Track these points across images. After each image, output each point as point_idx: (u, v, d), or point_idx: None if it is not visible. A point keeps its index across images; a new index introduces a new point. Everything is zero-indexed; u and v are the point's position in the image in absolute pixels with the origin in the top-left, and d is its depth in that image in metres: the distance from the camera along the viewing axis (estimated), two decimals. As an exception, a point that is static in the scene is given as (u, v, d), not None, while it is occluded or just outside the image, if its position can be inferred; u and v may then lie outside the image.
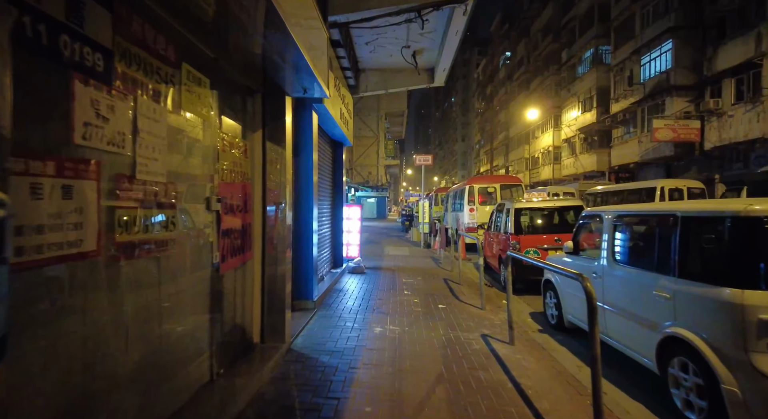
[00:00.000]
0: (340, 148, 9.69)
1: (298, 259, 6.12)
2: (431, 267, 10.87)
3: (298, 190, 6.15)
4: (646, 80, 25.12)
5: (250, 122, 4.21)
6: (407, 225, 25.11)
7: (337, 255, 9.66)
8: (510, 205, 8.83)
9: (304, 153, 6.16)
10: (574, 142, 35.95)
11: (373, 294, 7.46)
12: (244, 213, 3.98)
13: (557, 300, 5.83)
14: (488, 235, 10.86)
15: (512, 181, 15.09)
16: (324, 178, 8.42)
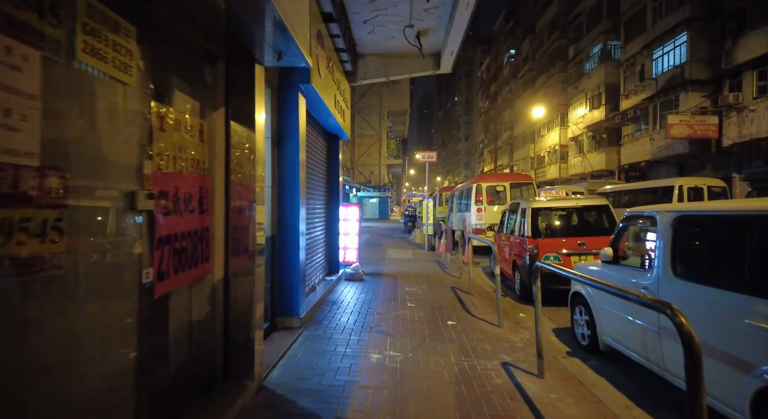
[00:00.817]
0: (336, 141, 8.75)
1: (282, 269, 5.18)
2: (437, 273, 9.91)
3: (282, 186, 5.21)
4: (659, 75, 24.11)
5: (209, 96, 3.26)
6: (410, 226, 24.14)
7: (333, 260, 8.72)
8: (526, 204, 7.88)
9: (289, 143, 5.22)
10: (581, 140, 34.99)
11: (371, 306, 6.50)
12: (198, 214, 3.04)
13: (590, 317, 4.87)
14: (499, 238, 9.89)
15: (523, 179, 14.12)
16: (316, 175, 7.48)
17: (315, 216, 7.31)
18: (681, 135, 20.05)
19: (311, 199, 6.91)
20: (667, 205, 4.12)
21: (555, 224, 7.70)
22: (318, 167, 7.65)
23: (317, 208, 7.56)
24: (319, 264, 7.67)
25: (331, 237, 8.68)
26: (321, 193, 7.93)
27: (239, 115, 3.44)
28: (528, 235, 7.46)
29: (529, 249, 7.30)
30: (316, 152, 7.42)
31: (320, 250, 7.76)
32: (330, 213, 8.65)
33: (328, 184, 8.50)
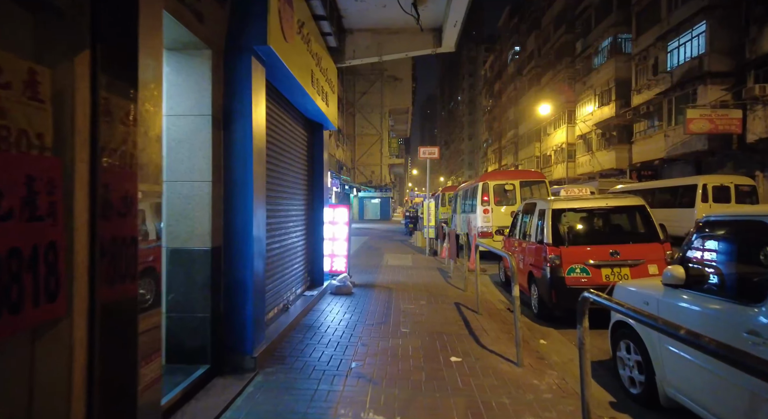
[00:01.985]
0: (320, 132, 7.47)
1: (229, 290, 3.90)
2: (438, 284, 8.62)
3: (230, 182, 3.93)
4: (674, 68, 22.78)
5: (59, 29, 1.98)
6: (411, 228, 22.84)
7: (316, 270, 7.44)
8: (545, 204, 6.58)
9: (238, 125, 3.94)
10: (589, 138, 33.71)
11: (355, 334, 5.21)
12: (26, 221, 1.77)
13: (643, 356, 3.57)
14: (509, 243, 8.59)
15: (534, 176, 12.81)
16: (293, 170, 6.21)
17: (290, 220, 6.04)
18: (701, 130, 18.70)
19: (282, 199, 5.64)
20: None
21: (581, 228, 6.40)
22: (295, 161, 6.38)
23: (294, 209, 6.29)
24: (296, 277, 6.40)
25: (313, 243, 7.40)
26: (300, 192, 6.67)
27: (118, 66, 2.16)
28: (548, 242, 6.16)
29: (550, 259, 6.00)
30: (292, 142, 6.15)
31: (297, 260, 6.49)
32: (312, 215, 7.38)
33: (309, 181, 7.23)
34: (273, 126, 5.18)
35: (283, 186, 5.68)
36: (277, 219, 5.41)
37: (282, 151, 5.62)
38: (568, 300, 5.85)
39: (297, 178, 6.45)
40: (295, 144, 6.35)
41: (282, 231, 5.61)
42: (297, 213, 6.45)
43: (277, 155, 5.40)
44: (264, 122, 4.29)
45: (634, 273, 5.75)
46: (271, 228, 5.10)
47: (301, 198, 6.74)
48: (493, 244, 11.63)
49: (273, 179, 5.20)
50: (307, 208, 7.09)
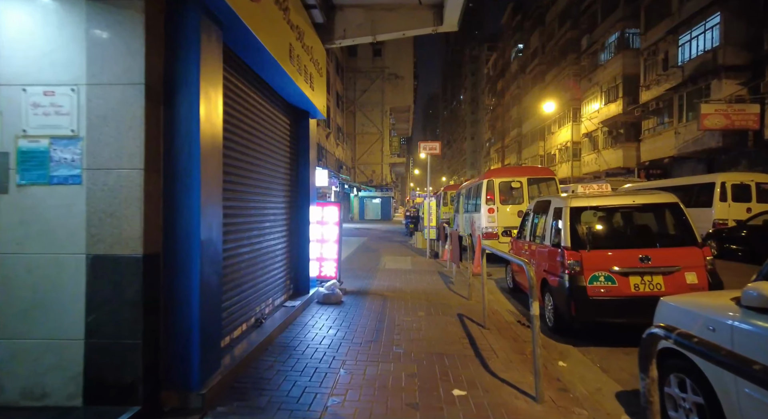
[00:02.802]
0: (305, 120, 6.64)
1: (171, 309, 3.06)
2: (440, 291, 7.77)
3: (172, 171, 3.10)
4: (686, 62, 21.90)
5: None
6: (411, 228, 21.98)
7: (300, 276, 6.59)
8: (561, 202, 5.72)
9: (182, 97, 3.10)
10: (595, 136, 32.84)
11: (339, 355, 4.36)
12: None
13: (707, 401, 2.71)
14: (517, 246, 7.74)
15: (543, 173, 11.93)
16: (270, 161, 5.37)
17: (266, 219, 5.20)
18: (716, 126, 17.81)
19: (254, 194, 4.79)
20: None
21: (604, 229, 5.54)
22: (274, 151, 5.54)
23: (271, 207, 5.45)
24: (274, 285, 5.55)
25: (297, 245, 6.56)
26: (280, 188, 5.82)
27: None
28: (566, 245, 5.31)
29: (569, 265, 5.15)
30: (268, 130, 5.31)
31: (276, 265, 5.64)
32: (296, 214, 6.54)
33: (292, 175, 6.39)
34: (239, 106, 4.33)
35: (256, 179, 4.84)
36: (247, 218, 4.57)
37: (254, 137, 4.78)
38: (590, 312, 5.00)
39: (276, 171, 5.61)
40: (274, 132, 5.50)
41: (254, 233, 4.77)
42: (276, 211, 5.61)
43: (247, 142, 4.56)
44: (220, 99, 3.44)
45: (669, 282, 4.89)
46: (237, 229, 4.26)
47: (282, 194, 5.90)
48: (498, 246, 10.78)
49: (240, 170, 4.36)
50: (290, 205, 6.25)
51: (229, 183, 4.05)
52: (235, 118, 4.24)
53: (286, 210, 6.09)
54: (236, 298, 4.26)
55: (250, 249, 4.63)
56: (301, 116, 6.58)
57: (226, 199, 3.88)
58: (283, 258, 5.95)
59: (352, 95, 44.81)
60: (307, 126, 6.63)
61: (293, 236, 6.38)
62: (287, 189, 6.14)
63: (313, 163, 6.90)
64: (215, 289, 3.35)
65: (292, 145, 6.38)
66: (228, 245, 4.01)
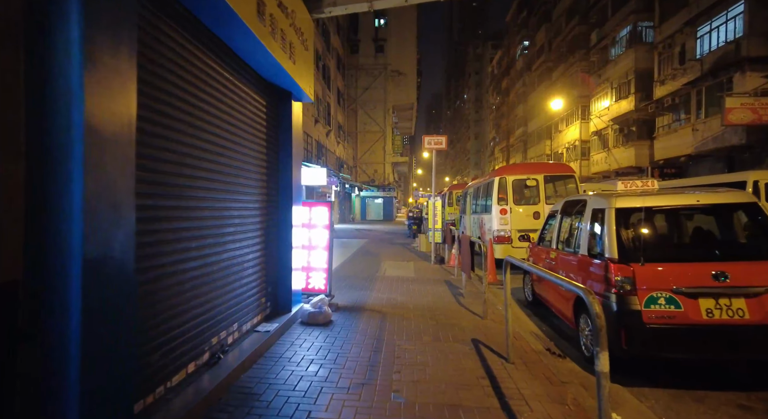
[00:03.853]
0: (286, 102, 5.50)
1: (33, 363, 1.93)
2: (448, 306, 6.62)
3: (39, 157, 1.97)
4: (705, 55, 20.68)
5: None
6: (414, 230, 20.83)
7: (280, 291, 5.45)
8: (602, 201, 4.58)
9: (54, 38, 1.98)
10: (605, 134, 31.65)
11: (318, 409, 3.23)
12: None
13: None
14: (538, 253, 6.60)
15: (561, 170, 10.75)
16: (235, 150, 4.24)
17: (228, 223, 4.06)
18: (741, 121, 16.59)
19: (207, 191, 3.65)
20: None
21: (662, 237, 4.40)
22: (243, 138, 4.40)
23: (239, 208, 4.31)
24: (241, 307, 4.41)
25: (276, 253, 5.42)
26: (253, 184, 4.69)
27: None
28: (611, 256, 4.16)
29: (617, 282, 4.00)
30: (232, 109, 4.17)
31: (245, 281, 4.50)
32: (276, 216, 5.41)
33: (271, 170, 5.25)
34: (183, 71, 3.20)
35: (212, 172, 3.71)
36: (196, 223, 3.43)
37: (210, 117, 3.64)
38: (647, 345, 3.85)
39: (246, 163, 4.48)
40: (242, 113, 4.37)
41: (208, 241, 3.63)
42: (245, 213, 4.48)
43: (196, 122, 3.43)
44: (127, 48, 2.30)
45: (755, 307, 3.72)
46: (175, 238, 3.13)
47: (255, 192, 4.76)
48: (512, 252, 9.62)
49: (184, 158, 3.22)
50: (267, 205, 5.11)
51: (161, 174, 2.92)
52: (176, 87, 3.11)
53: (262, 211, 4.96)
54: (177, 331, 3.13)
55: (200, 262, 3.50)
56: (282, 98, 5.45)
57: (150, 197, 2.75)
58: (257, 271, 4.81)
59: (354, 93, 43.67)
60: (290, 110, 5.50)
61: (271, 242, 5.24)
62: (263, 186, 5.00)
63: (298, 154, 5.77)
64: (121, 327, 2.22)
65: (271, 133, 5.24)
66: (158, 261, 2.88)
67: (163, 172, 2.95)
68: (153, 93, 2.80)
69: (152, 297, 2.83)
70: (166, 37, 2.95)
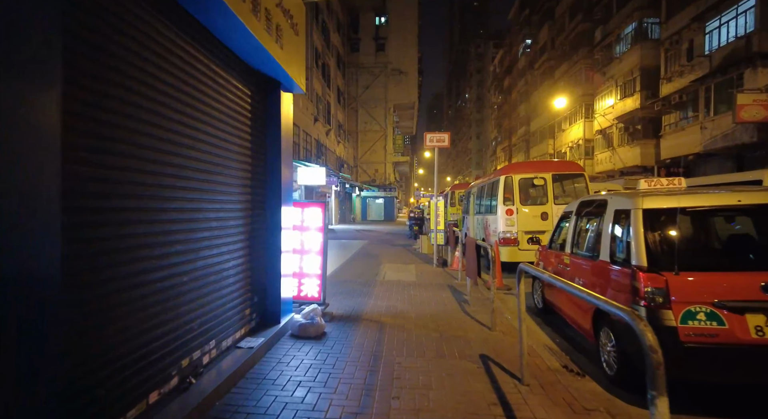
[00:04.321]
0: (274, 93, 4.99)
1: None
2: (453, 315, 6.12)
3: None
4: (713, 51, 20.14)
5: None
6: (416, 231, 20.31)
7: (268, 301, 4.94)
8: (626, 201, 4.07)
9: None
10: (610, 133, 31.13)
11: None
12: None
13: None
14: (549, 257, 6.10)
15: (570, 168, 10.23)
16: (215, 145, 3.74)
17: (203, 226, 3.55)
18: (754, 118, 16.07)
19: (178, 191, 3.15)
20: None
21: (697, 242, 3.88)
22: (222, 131, 3.90)
23: (216, 209, 3.81)
24: (220, 321, 3.90)
25: (264, 259, 4.92)
26: (234, 183, 4.19)
27: None
28: (639, 264, 3.65)
29: (647, 294, 3.49)
30: (212, 98, 3.68)
31: (226, 291, 4.00)
32: (263, 218, 4.90)
33: (257, 167, 4.74)
34: (137, 46, 2.69)
35: (180, 168, 3.21)
36: (160, 227, 2.93)
37: (175, 103, 3.14)
38: (683, 367, 3.34)
39: (225, 159, 3.97)
40: (219, 101, 3.87)
41: (176, 248, 3.13)
42: (225, 215, 3.97)
43: (159, 107, 2.93)
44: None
45: (811, 324, 3.22)
46: (131, 246, 2.62)
47: (238, 191, 4.26)
48: (519, 255, 9.11)
49: (135, 148, 2.71)
50: (252, 206, 4.60)
51: (110, 170, 2.41)
52: (131, 65, 2.61)
53: (246, 212, 4.45)
54: (135, 356, 2.63)
55: (167, 273, 3.00)
56: (270, 87, 4.95)
57: (90, 197, 2.25)
58: (240, 280, 4.31)
59: (354, 91, 43.17)
60: (278, 101, 5.00)
61: (257, 247, 4.74)
62: (248, 184, 4.50)
63: (288, 150, 5.27)
64: (39, 363, 1.71)
65: (257, 125, 4.74)
66: (106, 274, 2.37)
67: (113, 167, 2.44)
68: (94, 70, 2.30)
69: (99, 317, 2.33)
70: (112, 2, 2.44)
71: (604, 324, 4.22)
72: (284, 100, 5.16)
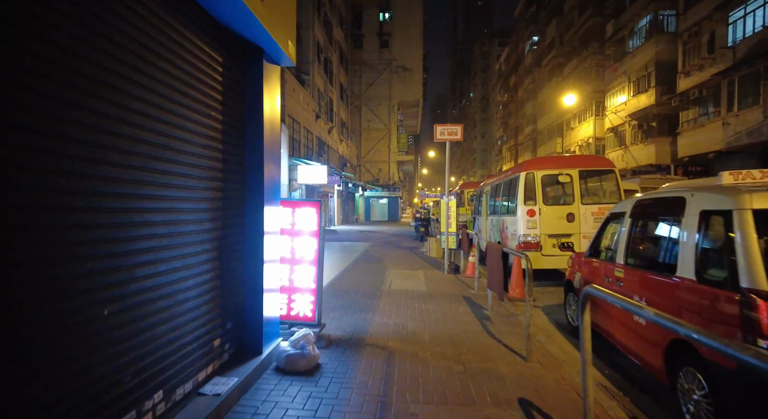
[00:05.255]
0: (256, 62, 3.95)
1: None
2: (476, 338, 5.06)
3: None
4: (738, 42, 19.01)
5: None
6: (422, 232, 19.25)
7: (247, 325, 3.90)
8: (720, 199, 3.01)
9: None
10: (622, 130, 30.05)
11: None
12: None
13: None
14: (595, 270, 5.04)
15: (598, 163, 9.14)
16: (173, 125, 2.70)
17: (145, 235, 2.51)
18: (788, 112, 14.95)
19: (112, 181, 2.11)
20: None
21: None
22: (177, 103, 2.87)
23: (169, 208, 2.78)
24: (173, 360, 2.85)
25: (242, 272, 3.88)
26: (200, 175, 3.16)
27: None
28: (753, 286, 2.60)
29: (772, 330, 2.43)
30: (154, 54, 2.64)
31: (184, 319, 2.95)
32: (242, 219, 3.87)
33: (231, 155, 3.71)
34: None
35: (103, 150, 2.16)
36: (67, 235, 1.90)
37: (91, 52, 2.10)
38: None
39: (183, 142, 2.93)
40: (174, 64, 2.83)
41: (103, 265, 2.10)
42: (182, 217, 2.94)
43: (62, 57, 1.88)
44: None
45: None
46: (21, 262, 1.59)
47: (203, 187, 3.22)
48: (542, 262, 8.06)
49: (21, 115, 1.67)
50: (221, 205, 3.56)
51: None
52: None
53: (214, 213, 3.41)
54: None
55: (81, 302, 1.98)
56: (249, 55, 3.91)
57: None
58: (204, 301, 3.27)
59: (358, 89, 42.14)
60: (261, 73, 3.96)
61: (231, 257, 3.70)
62: (216, 177, 3.46)
63: (274, 137, 4.23)
64: None
65: (231, 104, 3.70)
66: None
67: None
68: None
69: None
70: None
71: (687, 364, 3.16)
72: (269, 74, 4.12)
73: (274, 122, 4.24)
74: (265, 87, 4.03)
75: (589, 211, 8.34)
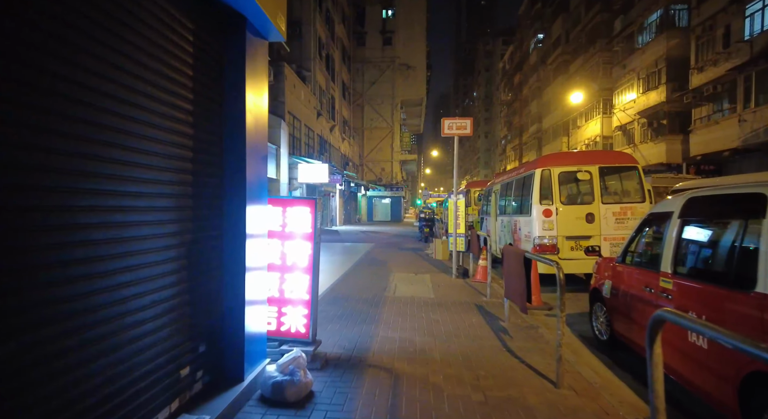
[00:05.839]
0: (237, 34, 3.31)
1: None
2: (494, 357, 4.41)
3: None
4: (755, 35, 18.31)
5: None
6: (426, 232, 18.59)
7: (228, 344, 3.26)
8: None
9: None
10: (630, 129, 29.33)
11: None
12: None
13: None
14: (632, 279, 4.37)
15: (620, 160, 8.45)
16: (131, 103, 2.04)
17: (89, 239, 1.88)
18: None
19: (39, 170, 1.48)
20: None
21: None
22: (136, 76, 2.23)
23: (125, 206, 2.14)
24: (126, 400, 2.21)
25: (221, 283, 3.25)
26: (166, 166, 2.52)
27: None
28: None
29: None
30: (105, 13, 2.00)
31: (141, 343, 2.32)
32: (220, 221, 3.23)
33: (204, 143, 3.07)
34: None
35: (34, 133, 1.53)
36: None
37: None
38: None
39: (132, 121, 2.30)
40: (133, 28, 2.19)
41: (24, 282, 1.46)
42: (125, 218, 2.30)
43: None
44: None
45: None
46: None
47: (165, 178, 2.59)
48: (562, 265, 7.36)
49: None
50: (190, 203, 2.92)
51: None
52: None
53: (181, 212, 2.78)
54: None
55: None
56: (229, 25, 3.28)
57: None
58: (168, 321, 2.63)
59: (360, 87, 41.49)
60: (243, 48, 3.31)
61: (204, 265, 3.06)
62: (185, 169, 2.83)
63: (260, 125, 3.59)
64: None
65: (205, 81, 3.07)
66: None
67: None
68: None
69: None
70: None
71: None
72: (254, 50, 3.48)
73: (261, 106, 3.60)
74: (249, 64, 3.39)
75: (610, 211, 7.67)
